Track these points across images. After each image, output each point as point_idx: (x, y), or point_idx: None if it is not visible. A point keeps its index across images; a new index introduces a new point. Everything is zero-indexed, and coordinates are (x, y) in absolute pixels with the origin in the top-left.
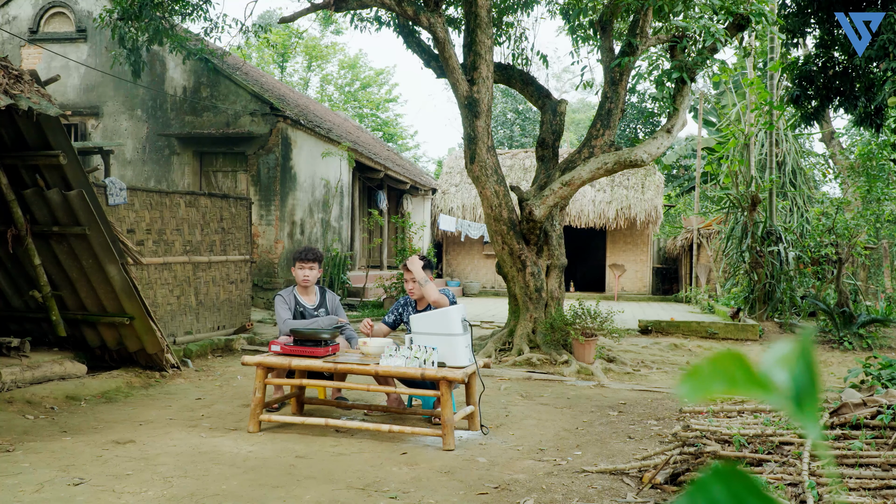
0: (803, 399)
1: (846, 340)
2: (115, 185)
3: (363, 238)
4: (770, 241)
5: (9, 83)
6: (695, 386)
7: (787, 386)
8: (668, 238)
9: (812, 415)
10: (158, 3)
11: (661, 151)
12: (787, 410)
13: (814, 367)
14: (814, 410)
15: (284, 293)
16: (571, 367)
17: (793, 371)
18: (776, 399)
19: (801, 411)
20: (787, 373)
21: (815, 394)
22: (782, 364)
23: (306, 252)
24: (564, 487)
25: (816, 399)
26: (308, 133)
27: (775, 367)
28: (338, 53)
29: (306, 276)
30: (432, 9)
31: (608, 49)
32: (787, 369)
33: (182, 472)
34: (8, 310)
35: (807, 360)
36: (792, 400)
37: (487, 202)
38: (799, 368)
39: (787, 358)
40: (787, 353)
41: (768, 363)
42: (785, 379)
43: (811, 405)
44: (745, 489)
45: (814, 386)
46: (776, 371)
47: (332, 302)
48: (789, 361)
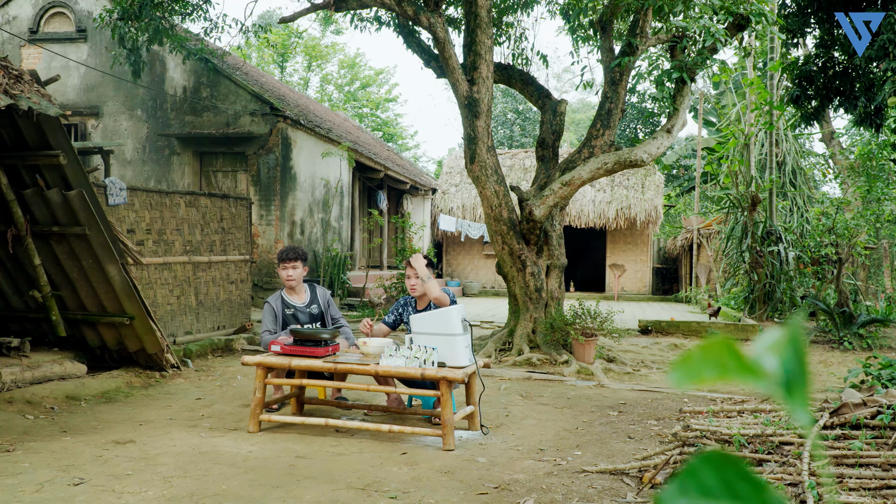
0: (793, 385)
1: (846, 340)
2: (115, 185)
3: (363, 238)
4: (770, 241)
5: (9, 83)
6: (686, 373)
7: (777, 372)
8: (668, 238)
9: (801, 401)
10: (158, 3)
11: (661, 151)
12: (777, 396)
13: (803, 354)
14: (803, 396)
15: (272, 299)
16: (571, 367)
17: (782, 358)
18: (766, 385)
19: (790, 397)
20: (777, 359)
21: (805, 380)
22: (772, 351)
23: (287, 252)
24: (564, 487)
25: (806, 385)
26: (308, 133)
27: (765, 354)
28: (338, 53)
29: (290, 276)
30: (432, 9)
31: (608, 49)
32: (777, 356)
33: (182, 472)
34: (8, 310)
35: (796, 347)
36: (781, 386)
37: (487, 202)
38: (788, 355)
39: (777, 345)
40: (777, 340)
41: (758, 350)
42: (774, 365)
43: (801, 391)
44: (735, 473)
45: (803, 372)
46: (766, 358)
47: (323, 297)
48: (779, 348)
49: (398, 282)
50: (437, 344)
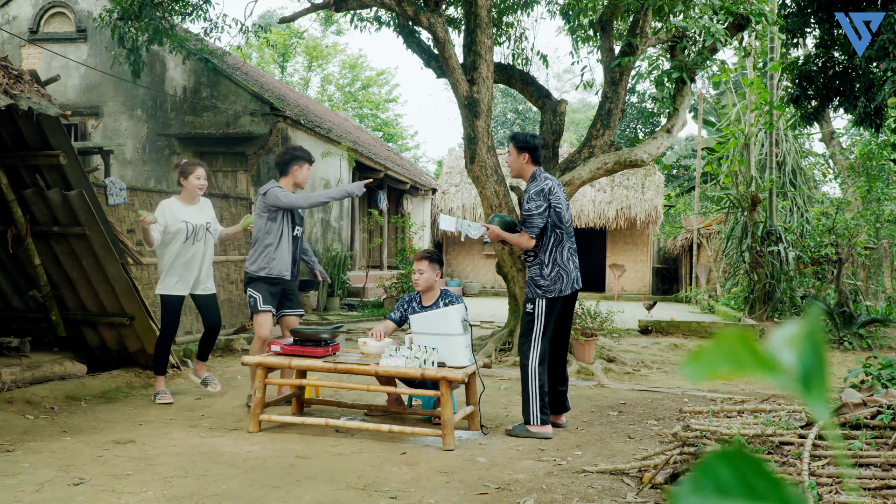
0: (811, 380)
1: (846, 340)
2: (115, 185)
3: (363, 238)
4: (770, 241)
5: (9, 83)
6: (701, 367)
7: (795, 367)
8: (668, 238)
9: (820, 396)
10: (158, 3)
11: (661, 151)
12: (795, 392)
13: (822, 348)
14: (822, 391)
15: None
16: (571, 367)
17: (800, 352)
18: (783, 380)
19: (808, 392)
20: (795, 353)
21: (823, 375)
22: (789, 345)
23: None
24: (564, 487)
25: (824, 380)
26: (308, 133)
27: (782, 348)
28: (339, 54)
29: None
30: (432, 9)
31: (608, 49)
32: (795, 350)
33: (182, 472)
34: (8, 310)
35: (814, 340)
36: (799, 381)
37: (487, 202)
38: (806, 349)
39: (795, 339)
40: (795, 333)
41: (775, 344)
42: (792, 360)
43: (819, 386)
44: (752, 470)
45: (822, 367)
46: (783, 352)
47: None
48: (796, 342)
49: (398, 282)
50: (437, 344)
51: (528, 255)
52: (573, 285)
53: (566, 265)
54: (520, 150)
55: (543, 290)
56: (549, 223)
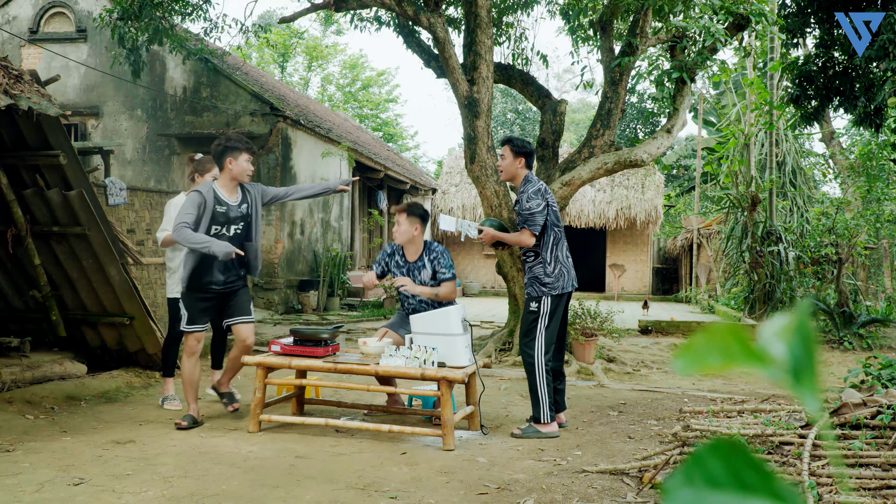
0: (801, 372)
1: (846, 340)
2: (115, 185)
3: (363, 238)
4: (770, 241)
5: (9, 83)
6: (691, 360)
7: (785, 359)
8: (668, 238)
9: (810, 388)
10: (158, 3)
11: (661, 151)
12: (785, 384)
13: (812, 340)
14: (812, 383)
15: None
16: (571, 367)
17: (790, 344)
18: (773, 372)
19: (798, 384)
20: (785, 345)
21: (814, 367)
22: (779, 337)
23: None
24: (564, 487)
25: (815, 372)
26: (308, 133)
27: (772, 340)
28: (339, 54)
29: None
30: (432, 9)
31: (608, 49)
32: (785, 342)
33: (182, 472)
34: (8, 310)
35: (804, 333)
36: (789, 373)
37: (487, 202)
38: (796, 341)
39: (785, 331)
40: (784, 326)
41: (765, 336)
42: (782, 351)
43: (809, 378)
44: (743, 462)
45: (812, 358)
46: (773, 344)
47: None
48: (786, 334)
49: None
50: (437, 344)
51: (529, 254)
52: (573, 283)
53: (566, 262)
54: (516, 154)
55: (549, 287)
56: (549, 221)
